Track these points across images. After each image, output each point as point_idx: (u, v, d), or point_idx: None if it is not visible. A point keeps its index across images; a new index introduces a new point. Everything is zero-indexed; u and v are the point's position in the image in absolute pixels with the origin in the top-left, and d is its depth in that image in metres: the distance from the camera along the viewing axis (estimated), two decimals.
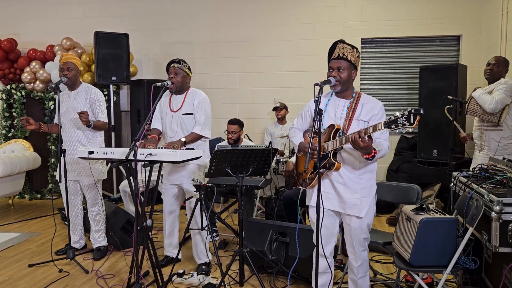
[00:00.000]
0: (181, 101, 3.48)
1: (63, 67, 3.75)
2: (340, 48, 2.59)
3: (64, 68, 3.74)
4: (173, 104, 3.51)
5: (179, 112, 3.46)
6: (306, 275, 3.21)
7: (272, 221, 3.41)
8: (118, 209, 4.17)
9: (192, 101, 3.45)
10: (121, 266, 3.70)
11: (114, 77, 5.75)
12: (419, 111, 2.07)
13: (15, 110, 6.44)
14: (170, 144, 3.23)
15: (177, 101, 3.50)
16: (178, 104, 3.48)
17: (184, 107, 3.45)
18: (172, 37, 6.56)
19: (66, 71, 3.73)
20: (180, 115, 3.46)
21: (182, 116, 3.45)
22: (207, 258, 3.58)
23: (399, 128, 2.14)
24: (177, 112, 3.46)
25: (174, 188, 3.56)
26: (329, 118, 2.62)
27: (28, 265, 3.68)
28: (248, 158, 3.13)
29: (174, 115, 3.48)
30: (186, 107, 3.45)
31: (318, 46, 6.19)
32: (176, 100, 3.51)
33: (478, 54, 5.82)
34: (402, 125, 2.13)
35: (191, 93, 3.50)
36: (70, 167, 3.76)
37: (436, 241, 2.46)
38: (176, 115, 3.47)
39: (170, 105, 3.52)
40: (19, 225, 5.01)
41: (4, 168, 5.07)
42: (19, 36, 6.68)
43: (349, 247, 2.67)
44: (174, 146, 3.19)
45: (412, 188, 3.16)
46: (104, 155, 3.15)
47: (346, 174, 2.56)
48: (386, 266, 3.65)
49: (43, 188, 6.54)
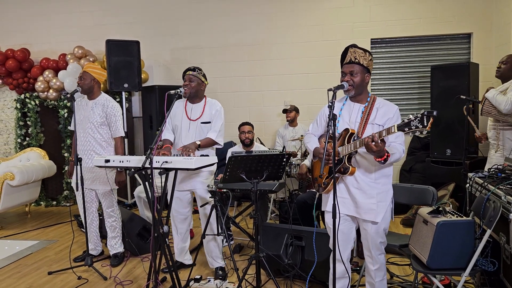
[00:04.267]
0: (200, 109, 3.52)
1: (79, 76, 3.82)
2: (352, 53, 2.60)
3: (79, 77, 3.81)
4: (191, 112, 3.54)
5: (198, 120, 3.50)
6: (322, 278, 3.22)
7: (287, 225, 3.43)
8: (134, 216, 4.22)
9: (210, 111, 3.51)
10: (139, 272, 3.74)
11: (126, 84, 5.81)
12: (432, 113, 2.07)
13: (29, 119, 6.54)
14: (185, 148, 3.26)
15: (195, 109, 3.54)
16: (198, 113, 3.52)
17: (204, 116, 3.51)
18: (181, 43, 6.61)
19: (79, 80, 3.80)
20: (199, 124, 3.50)
21: (201, 125, 3.49)
22: (223, 262, 3.61)
23: (412, 131, 2.15)
24: (196, 121, 3.50)
25: (187, 194, 3.59)
26: (344, 122, 2.63)
27: (47, 273, 3.74)
28: (262, 164, 3.15)
29: (191, 123, 3.51)
30: (205, 116, 3.51)
31: (328, 47, 6.20)
32: (193, 109, 3.55)
33: (489, 51, 5.78)
34: (416, 128, 2.13)
35: (209, 102, 3.56)
36: (85, 175, 3.80)
37: (454, 244, 2.45)
38: (195, 123, 3.50)
39: (187, 113, 3.55)
40: (36, 233, 5.09)
41: (21, 177, 5.15)
42: (31, 45, 6.79)
43: (366, 250, 2.68)
44: (190, 149, 3.23)
45: (428, 190, 3.15)
46: (120, 163, 3.20)
47: (362, 179, 2.57)
48: (402, 268, 3.65)
49: (58, 195, 6.62)
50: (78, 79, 3.79)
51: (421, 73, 6.12)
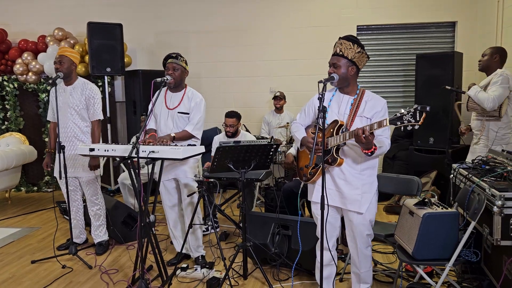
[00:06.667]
0: (178, 99, 3.45)
1: (56, 61, 3.69)
2: (339, 45, 2.59)
3: (57, 62, 3.69)
4: (169, 101, 3.47)
5: (175, 110, 3.43)
6: (308, 267, 3.26)
7: (274, 214, 3.45)
8: (119, 203, 4.17)
9: (189, 102, 3.43)
10: (124, 260, 3.72)
11: (108, 68, 5.68)
12: (425, 108, 2.08)
13: (8, 102, 6.36)
14: (160, 139, 3.21)
15: (174, 98, 3.46)
16: (175, 102, 3.45)
17: (181, 106, 3.42)
18: (166, 26, 6.47)
19: (58, 65, 3.68)
20: (176, 113, 3.42)
21: (178, 115, 3.42)
22: (203, 251, 3.63)
23: (404, 125, 2.16)
24: (173, 110, 3.43)
25: (171, 182, 3.54)
26: (333, 113, 2.63)
27: (31, 262, 3.69)
28: (250, 154, 3.14)
29: (170, 112, 3.44)
30: (182, 106, 3.42)
31: (314, 34, 6.16)
32: (172, 98, 3.47)
33: (473, 41, 5.82)
34: (408, 122, 2.15)
35: (188, 93, 3.47)
36: (68, 163, 3.72)
37: (439, 235, 2.50)
38: (172, 112, 3.43)
39: (166, 102, 3.48)
40: (18, 220, 5.00)
41: (1, 163, 5.03)
42: (9, 26, 6.55)
43: (351, 242, 2.71)
44: (163, 140, 3.18)
45: (413, 180, 3.19)
46: (105, 152, 3.15)
47: (348, 170, 2.59)
48: (386, 256, 3.71)
49: (39, 181, 6.50)
50: (57, 64, 3.66)
51: (405, 61, 6.15)
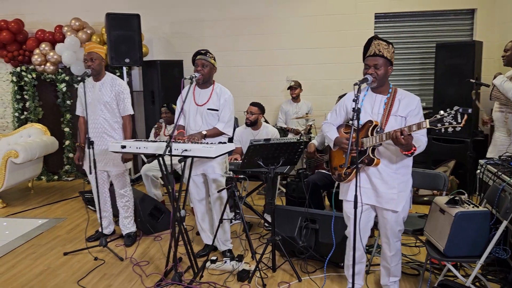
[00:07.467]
0: (207, 95, 3.48)
1: (86, 58, 3.72)
2: (376, 45, 2.60)
3: (87, 59, 3.71)
4: (198, 97, 3.51)
5: (205, 106, 3.47)
6: (336, 260, 3.34)
7: (301, 208, 3.51)
8: (145, 196, 4.27)
9: (218, 99, 3.46)
10: (153, 252, 3.82)
11: (127, 59, 5.70)
12: (467, 110, 2.12)
13: (26, 93, 6.42)
14: (190, 137, 3.26)
15: (203, 95, 3.50)
16: (204, 99, 3.48)
17: (210, 103, 3.46)
18: (182, 16, 6.45)
19: (90, 62, 3.71)
20: (205, 109, 3.46)
21: (207, 111, 3.46)
22: (231, 245, 3.72)
23: (445, 127, 2.19)
24: (202, 106, 3.47)
25: (199, 177, 3.61)
26: (366, 114, 2.66)
27: (63, 254, 3.80)
28: (280, 151, 3.20)
29: (198, 108, 3.48)
30: (211, 102, 3.46)
31: (331, 22, 6.12)
32: (201, 94, 3.51)
33: (492, 28, 5.78)
34: (449, 124, 2.18)
35: (216, 89, 3.50)
36: (97, 158, 3.78)
37: (470, 233, 2.56)
38: (201, 109, 3.47)
39: (195, 98, 3.52)
40: (43, 210, 5.11)
41: (25, 154, 5.12)
42: (24, 16, 6.55)
43: (384, 237, 2.78)
44: (195, 138, 3.23)
45: (439, 175, 3.25)
46: (137, 149, 3.21)
47: (383, 169, 2.63)
48: (410, 249, 3.78)
49: (59, 170, 6.60)
50: (88, 61, 3.70)
51: (423, 50, 6.11)
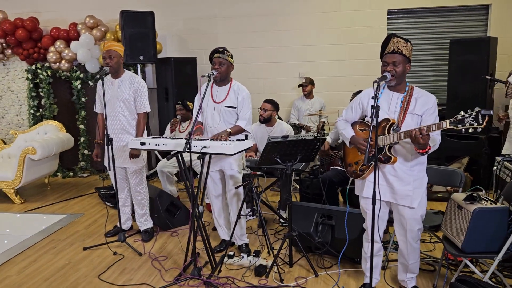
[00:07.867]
0: (224, 93, 3.53)
1: (105, 56, 3.78)
2: (395, 43, 2.62)
3: (106, 57, 3.78)
4: (215, 95, 3.56)
5: (222, 104, 3.51)
6: (352, 255, 3.38)
7: (318, 205, 3.55)
8: (162, 192, 4.34)
9: (236, 96, 3.51)
10: (171, 247, 3.89)
11: (142, 57, 5.74)
12: (488, 112, 2.13)
13: (42, 90, 6.51)
14: (218, 135, 3.31)
15: (220, 92, 3.55)
16: (221, 96, 3.53)
17: (228, 100, 3.50)
18: (195, 12, 6.49)
19: (108, 60, 3.77)
20: (222, 107, 3.51)
21: (225, 109, 3.51)
22: (247, 239, 3.77)
23: (466, 128, 2.21)
24: (220, 104, 3.52)
25: (216, 173, 3.66)
26: (383, 111, 2.68)
27: (83, 249, 3.88)
28: (297, 148, 3.23)
29: (216, 106, 3.53)
30: (229, 100, 3.50)
31: (344, 18, 6.13)
32: (218, 91, 3.55)
33: (507, 24, 5.75)
34: (470, 125, 2.20)
35: (234, 86, 3.54)
36: (116, 154, 3.85)
37: (488, 229, 2.58)
38: (219, 106, 3.52)
39: (212, 96, 3.57)
40: (60, 206, 5.20)
41: (42, 151, 5.21)
42: (39, 14, 6.63)
43: (400, 235, 2.80)
44: (222, 136, 3.28)
45: (455, 172, 3.27)
46: (156, 146, 3.27)
47: (399, 167, 2.66)
48: (424, 245, 3.80)
49: (74, 166, 6.69)
50: (107, 59, 3.76)
51: (437, 45, 6.09)
